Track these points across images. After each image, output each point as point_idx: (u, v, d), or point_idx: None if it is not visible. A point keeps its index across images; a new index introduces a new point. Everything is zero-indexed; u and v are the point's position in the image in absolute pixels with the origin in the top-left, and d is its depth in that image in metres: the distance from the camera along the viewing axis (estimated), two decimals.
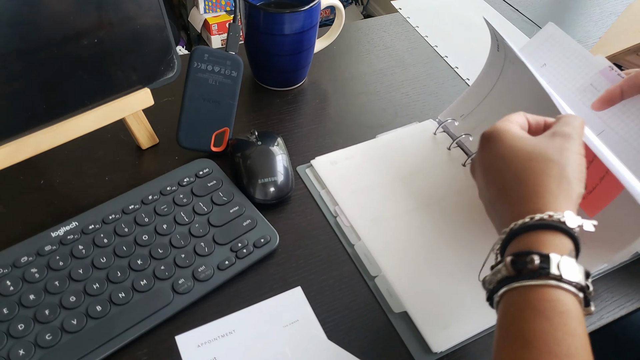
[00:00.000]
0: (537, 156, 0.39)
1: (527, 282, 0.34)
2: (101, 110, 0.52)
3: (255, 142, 0.56)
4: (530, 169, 0.39)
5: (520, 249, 0.36)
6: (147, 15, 0.50)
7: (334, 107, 0.67)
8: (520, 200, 0.38)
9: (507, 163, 0.40)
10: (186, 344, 0.44)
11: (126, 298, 0.45)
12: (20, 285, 0.45)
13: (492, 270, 0.38)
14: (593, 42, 0.81)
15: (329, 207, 0.55)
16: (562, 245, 0.36)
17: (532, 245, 0.36)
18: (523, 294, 0.35)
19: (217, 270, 0.48)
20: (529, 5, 0.89)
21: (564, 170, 0.38)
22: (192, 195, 0.53)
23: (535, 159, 0.39)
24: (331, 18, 2.19)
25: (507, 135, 0.41)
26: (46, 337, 0.42)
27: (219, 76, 0.56)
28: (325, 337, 0.45)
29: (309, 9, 0.61)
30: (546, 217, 0.36)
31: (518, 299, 0.35)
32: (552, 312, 0.33)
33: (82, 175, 0.56)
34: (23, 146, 0.48)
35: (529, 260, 0.34)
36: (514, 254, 0.36)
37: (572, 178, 0.39)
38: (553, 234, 0.36)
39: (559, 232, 0.36)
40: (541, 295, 0.34)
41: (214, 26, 1.93)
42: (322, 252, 0.51)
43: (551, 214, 0.36)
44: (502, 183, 0.40)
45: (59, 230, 0.49)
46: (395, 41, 0.78)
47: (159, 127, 0.60)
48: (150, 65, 0.53)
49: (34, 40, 0.45)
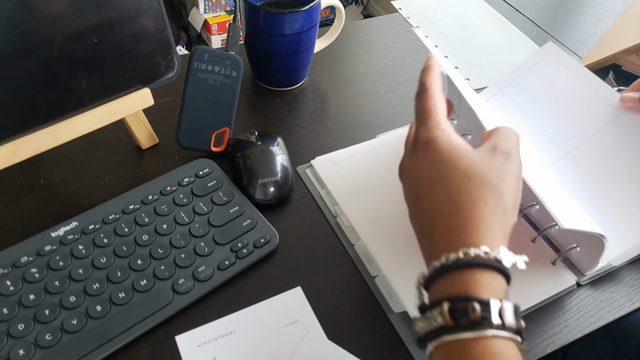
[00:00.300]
0: (475, 177, 0.36)
1: (467, 334, 0.31)
2: (101, 110, 0.52)
3: (255, 142, 0.56)
4: (466, 192, 0.35)
5: (454, 291, 0.33)
6: (147, 15, 0.50)
7: (334, 107, 0.67)
8: (453, 228, 0.35)
9: (442, 180, 0.36)
10: (186, 344, 0.44)
11: (126, 298, 0.45)
12: (20, 285, 0.45)
13: (424, 315, 0.34)
14: (593, 42, 0.81)
15: (329, 207, 0.55)
16: (499, 287, 0.33)
17: (469, 288, 0.32)
18: (464, 348, 0.31)
19: (217, 270, 0.48)
20: (529, 5, 0.89)
21: (502, 197, 0.36)
22: (192, 195, 0.53)
23: (473, 179, 0.36)
24: (331, 18, 2.19)
25: (445, 147, 0.37)
26: (46, 337, 0.42)
27: (219, 76, 0.56)
28: (325, 337, 0.45)
29: (309, 9, 0.61)
30: (482, 254, 0.33)
31: (460, 354, 0.31)
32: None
33: (82, 175, 0.56)
34: (23, 146, 0.48)
35: (470, 308, 0.31)
36: (450, 299, 0.32)
37: (508, 207, 0.36)
38: (489, 274, 0.33)
39: (494, 271, 0.33)
40: (484, 349, 0.31)
41: (214, 26, 1.93)
42: (322, 252, 0.51)
43: (487, 250, 0.33)
44: (434, 202, 0.36)
45: (59, 230, 0.49)
46: (395, 41, 0.78)
47: (159, 127, 0.60)
48: (150, 65, 0.53)
49: (34, 40, 0.45)
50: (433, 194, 0.37)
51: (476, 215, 0.35)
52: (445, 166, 0.37)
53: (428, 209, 0.37)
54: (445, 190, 0.36)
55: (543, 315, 0.47)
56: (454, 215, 0.35)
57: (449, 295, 0.33)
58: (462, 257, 0.33)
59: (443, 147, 0.38)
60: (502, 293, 0.33)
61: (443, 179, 0.36)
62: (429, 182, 0.37)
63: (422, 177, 0.38)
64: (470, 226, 0.34)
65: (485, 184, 0.36)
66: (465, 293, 0.32)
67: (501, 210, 0.35)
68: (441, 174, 0.37)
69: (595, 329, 0.47)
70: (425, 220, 0.37)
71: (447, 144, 0.38)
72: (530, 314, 0.47)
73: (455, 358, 0.31)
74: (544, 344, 0.45)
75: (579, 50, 0.79)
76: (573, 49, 0.80)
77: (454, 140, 0.38)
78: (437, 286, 0.34)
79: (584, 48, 0.80)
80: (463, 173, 0.36)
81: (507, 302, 0.32)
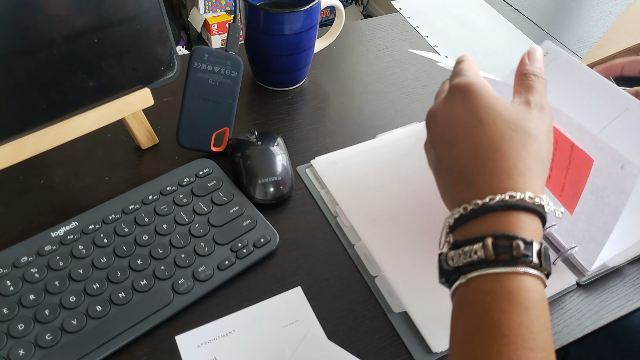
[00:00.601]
0: (517, 127, 0.36)
1: (507, 268, 0.32)
2: (101, 110, 0.52)
3: (255, 142, 0.56)
4: (509, 140, 0.36)
5: (498, 229, 0.34)
6: (147, 15, 0.50)
7: (334, 107, 0.67)
8: (497, 173, 0.35)
9: (485, 126, 0.37)
10: (186, 344, 0.44)
11: (126, 298, 0.45)
12: (20, 285, 0.45)
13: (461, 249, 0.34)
14: (593, 42, 0.81)
15: (329, 207, 0.55)
16: (538, 230, 0.34)
17: (513, 227, 0.33)
18: (501, 282, 0.32)
19: (217, 270, 0.48)
20: (529, 5, 0.89)
21: (542, 149, 0.37)
22: (192, 195, 0.53)
23: (514, 129, 0.36)
24: (331, 18, 2.19)
25: (485, 93, 0.38)
26: (46, 337, 0.42)
27: (219, 76, 0.56)
28: (325, 337, 0.45)
29: (308, 9, 0.61)
30: (527, 198, 0.34)
31: (495, 287, 0.32)
32: (529, 303, 0.32)
33: (82, 175, 0.56)
34: (23, 146, 0.48)
35: (515, 246, 0.32)
36: (495, 235, 0.33)
37: (546, 159, 0.37)
38: (531, 218, 0.34)
39: (535, 215, 0.34)
40: (520, 284, 0.32)
41: (214, 26, 1.93)
42: (322, 252, 0.51)
43: (531, 195, 0.34)
44: (476, 148, 0.37)
45: (59, 230, 0.49)
46: (395, 41, 0.79)
47: (159, 127, 0.60)
48: (150, 65, 0.53)
49: (34, 40, 0.45)
50: (475, 138, 0.37)
51: (521, 163, 0.35)
52: (487, 113, 0.37)
53: (468, 153, 0.37)
54: (488, 136, 0.36)
55: None
56: (499, 161, 0.35)
57: (493, 232, 0.34)
58: (508, 199, 0.34)
59: (484, 93, 0.38)
60: (540, 237, 0.34)
61: (486, 125, 0.37)
62: (469, 127, 0.37)
63: (461, 122, 0.38)
64: (515, 172, 0.35)
65: (527, 135, 0.36)
66: (509, 231, 0.33)
67: (540, 161, 0.36)
68: (483, 120, 0.37)
69: (595, 329, 0.47)
70: (463, 164, 0.37)
71: (487, 91, 0.38)
72: None
73: (492, 292, 0.32)
74: None
75: (579, 50, 0.79)
76: (573, 49, 0.80)
77: (490, 89, 0.39)
78: (476, 224, 0.35)
79: (584, 48, 0.80)
80: (505, 122, 0.37)
81: (544, 246, 0.34)
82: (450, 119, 0.39)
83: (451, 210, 0.37)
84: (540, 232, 0.35)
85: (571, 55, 0.56)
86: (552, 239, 0.51)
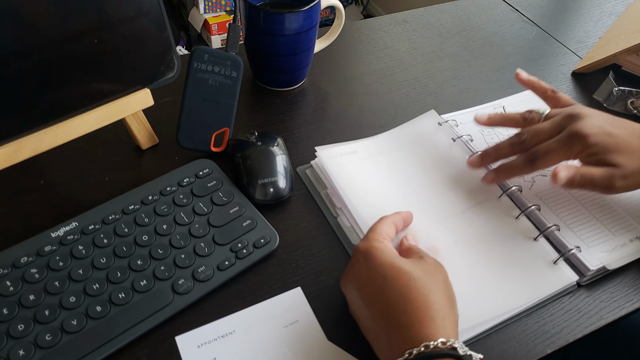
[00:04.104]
0: (419, 276, 0.40)
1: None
2: (101, 110, 0.52)
3: (255, 143, 0.56)
4: (416, 290, 0.39)
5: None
6: (147, 15, 0.50)
7: (334, 107, 0.67)
8: (411, 324, 0.38)
9: (390, 281, 0.40)
10: (186, 344, 0.44)
11: (126, 298, 0.45)
12: (20, 285, 0.45)
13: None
14: (593, 42, 0.81)
15: (329, 207, 0.55)
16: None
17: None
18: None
19: (217, 271, 0.48)
20: (529, 5, 0.89)
21: (445, 292, 0.41)
22: (192, 195, 0.53)
23: (418, 279, 0.40)
24: (331, 18, 2.19)
25: (386, 254, 0.42)
26: (46, 338, 0.42)
27: (219, 76, 0.56)
28: (325, 338, 0.45)
29: (309, 9, 0.61)
30: (440, 344, 0.37)
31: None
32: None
33: (82, 175, 0.56)
34: (23, 146, 0.48)
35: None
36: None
37: (452, 301, 0.41)
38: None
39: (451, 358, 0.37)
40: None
41: (214, 26, 1.94)
42: (322, 252, 0.51)
43: (444, 340, 0.37)
44: (386, 303, 0.40)
45: (59, 230, 0.49)
46: (395, 41, 0.78)
47: (159, 127, 0.60)
48: (150, 65, 0.53)
49: (33, 40, 0.45)
50: (384, 295, 0.40)
51: (429, 309, 0.39)
52: (389, 269, 0.41)
53: (382, 310, 0.40)
54: (395, 290, 0.40)
55: (543, 316, 0.47)
56: (409, 311, 0.39)
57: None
58: (423, 351, 0.37)
59: (383, 253, 0.42)
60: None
61: (391, 280, 0.40)
62: (376, 285, 0.41)
63: (369, 282, 0.42)
64: (427, 319, 0.38)
65: (429, 282, 0.40)
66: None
67: (447, 303, 0.40)
68: (388, 276, 0.41)
69: (596, 329, 0.47)
70: (379, 323, 0.40)
71: (387, 251, 0.43)
72: (531, 314, 0.47)
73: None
74: (543, 345, 0.45)
75: (579, 50, 0.79)
76: (573, 49, 0.80)
77: (392, 249, 0.44)
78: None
79: (584, 48, 0.80)
80: (408, 274, 0.41)
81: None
82: (360, 280, 0.42)
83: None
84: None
85: None
86: (554, 239, 0.51)
